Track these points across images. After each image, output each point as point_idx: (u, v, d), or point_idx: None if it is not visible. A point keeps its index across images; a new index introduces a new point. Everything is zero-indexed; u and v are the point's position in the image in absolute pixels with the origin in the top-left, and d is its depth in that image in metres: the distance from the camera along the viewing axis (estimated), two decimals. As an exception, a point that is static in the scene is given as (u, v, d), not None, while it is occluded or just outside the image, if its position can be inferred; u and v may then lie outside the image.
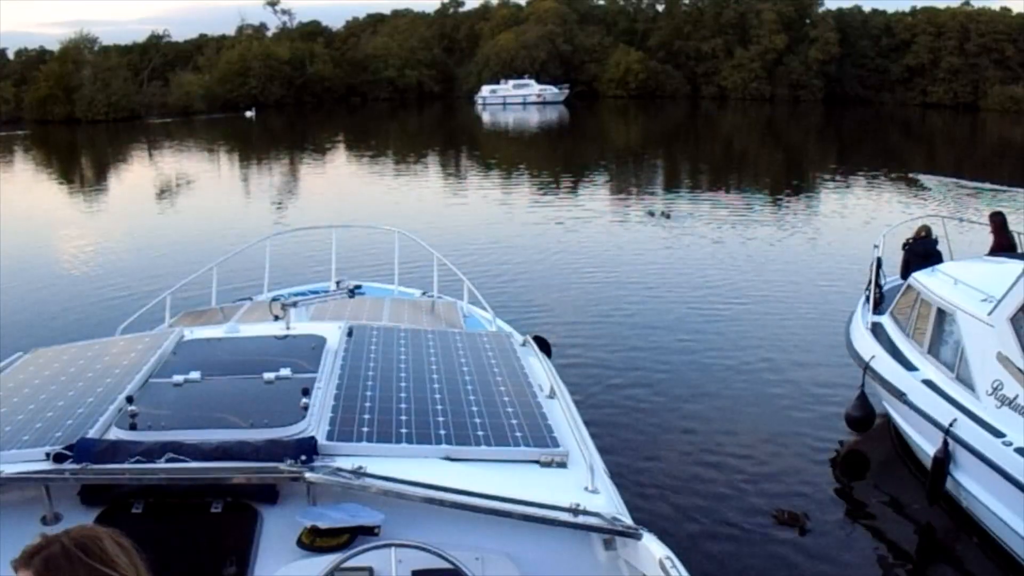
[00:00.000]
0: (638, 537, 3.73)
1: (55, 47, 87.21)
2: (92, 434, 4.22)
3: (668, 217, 26.98)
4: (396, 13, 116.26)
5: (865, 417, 10.54)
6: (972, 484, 8.29)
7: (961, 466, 8.43)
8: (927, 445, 9.04)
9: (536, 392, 5.19)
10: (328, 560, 3.50)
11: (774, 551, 8.44)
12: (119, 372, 5.17)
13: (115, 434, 4.25)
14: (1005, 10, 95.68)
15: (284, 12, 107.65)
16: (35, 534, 2.18)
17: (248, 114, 79.80)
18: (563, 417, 4.87)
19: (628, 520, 3.89)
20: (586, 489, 4.08)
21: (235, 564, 3.74)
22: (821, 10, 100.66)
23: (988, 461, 7.82)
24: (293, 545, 3.82)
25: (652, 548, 3.63)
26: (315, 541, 3.80)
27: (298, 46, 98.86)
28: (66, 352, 5.88)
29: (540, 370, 5.74)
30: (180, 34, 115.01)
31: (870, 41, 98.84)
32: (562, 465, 4.32)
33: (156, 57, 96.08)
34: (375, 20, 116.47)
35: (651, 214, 27.63)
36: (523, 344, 6.32)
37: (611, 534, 3.86)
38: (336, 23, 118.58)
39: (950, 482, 8.59)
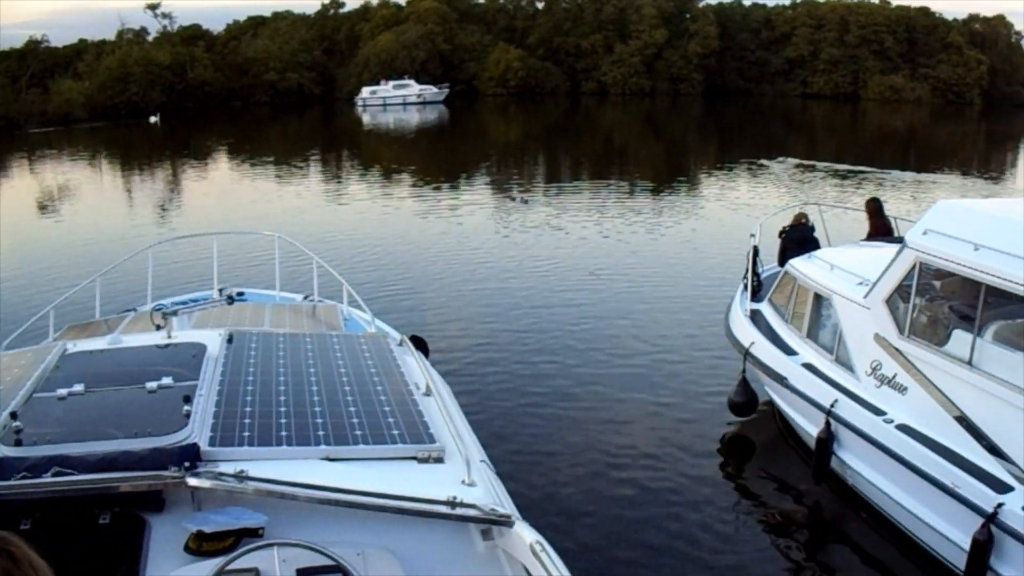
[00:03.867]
0: (510, 524, 3.88)
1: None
2: None
3: (526, 203, 28.32)
4: (277, 15, 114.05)
5: (747, 402, 10.73)
6: (856, 461, 8.52)
7: (844, 445, 8.66)
8: (810, 426, 9.26)
9: (412, 390, 5.33)
10: (214, 563, 3.53)
11: (664, 534, 8.50)
12: (2, 388, 5.11)
13: (0, 451, 4.20)
14: (884, 2, 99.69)
15: (164, 16, 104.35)
16: None
17: (152, 119, 77.37)
18: (439, 413, 5.02)
19: (505, 510, 4.00)
20: (463, 482, 4.21)
21: (124, 573, 3.75)
22: (701, 4, 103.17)
23: (870, 439, 8.06)
24: (180, 551, 3.86)
25: (523, 534, 3.77)
26: (201, 545, 3.87)
27: (179, 51, 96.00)
28: None
29: (416, 368, 5.92)
30: (60, 39, 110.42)
31: (750, 34, 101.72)
32: (439, 460, 4.46)
33: (35, 63, 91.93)
34: (256, 22, 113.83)
35: (512, 199, 29.40)
36: (400, 344, 6.52)
37: (485, 523, 4.02)
38: (217, 26, 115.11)
39: (835, 461, 8.81)
